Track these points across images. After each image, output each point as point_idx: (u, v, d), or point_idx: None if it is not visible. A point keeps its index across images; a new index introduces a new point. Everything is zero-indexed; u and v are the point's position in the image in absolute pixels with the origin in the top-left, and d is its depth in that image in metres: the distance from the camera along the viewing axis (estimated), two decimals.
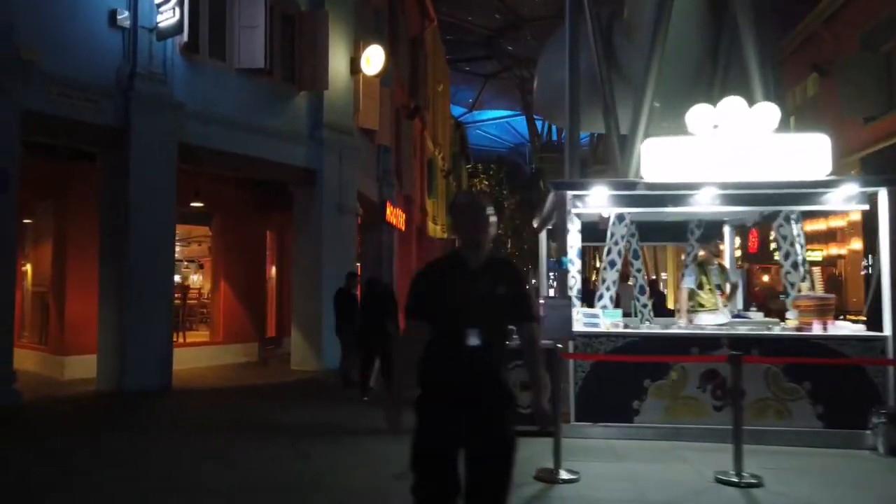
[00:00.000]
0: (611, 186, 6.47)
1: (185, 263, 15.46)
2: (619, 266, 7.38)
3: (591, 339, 6.29)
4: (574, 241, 8.00)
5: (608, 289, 7.26)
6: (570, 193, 6.35)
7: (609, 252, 7.38)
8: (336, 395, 9.47)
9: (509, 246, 30.51)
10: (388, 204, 15.77)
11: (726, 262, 9.04)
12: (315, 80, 12.31)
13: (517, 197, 30.71)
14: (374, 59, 12.93)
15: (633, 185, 6.32)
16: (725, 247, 9.11)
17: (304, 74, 12.33)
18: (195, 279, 15.69)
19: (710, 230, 8.95)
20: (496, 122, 66.19)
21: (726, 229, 9.16)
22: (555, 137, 46.37)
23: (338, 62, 12.73)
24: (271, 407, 8.70)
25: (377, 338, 8.71)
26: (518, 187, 31.23)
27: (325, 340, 12.17)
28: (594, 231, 9.11)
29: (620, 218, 7.36)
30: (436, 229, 27.64)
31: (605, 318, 6.67)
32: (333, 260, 12.51)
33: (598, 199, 6.45)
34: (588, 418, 6.22)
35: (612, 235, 7.38)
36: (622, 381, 6.18)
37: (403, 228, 17.77)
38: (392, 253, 17.18)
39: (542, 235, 9.81)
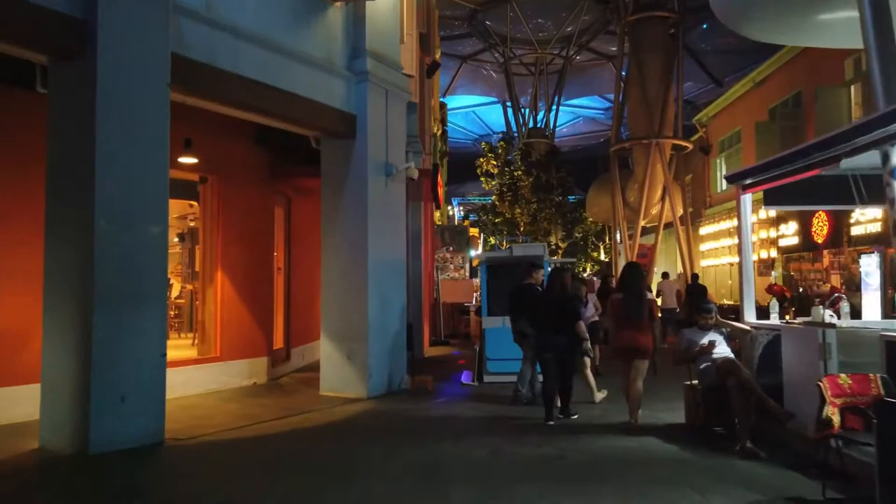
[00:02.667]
0: None
1: None
2: None
3: None
4: None
5: None
6: None
7: None
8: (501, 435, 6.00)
9: (521, 231, 27.22)
10: (438, 173, 12.17)
11: None
12: None
13: (531, 178, 27.38)
14: None
15: None
16: None
17: None
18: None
19: None
20: (462, 111, 62.77)
21: None
22: (542, 122, 43.34)
23: None
24: (430, 482, 5.07)
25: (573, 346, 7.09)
26: (531, 167, 27.91)
27: (372, 356, 8.61)
28: None
29: None
30: (436, 214, 24.12)
31: None
32: (381, 243, 8.99)
33: None
34: None
35: None
36: None
37: (441, 204, 14.22)
38: (420, 236, 13.66)
39: (747, 198, 6.48)
